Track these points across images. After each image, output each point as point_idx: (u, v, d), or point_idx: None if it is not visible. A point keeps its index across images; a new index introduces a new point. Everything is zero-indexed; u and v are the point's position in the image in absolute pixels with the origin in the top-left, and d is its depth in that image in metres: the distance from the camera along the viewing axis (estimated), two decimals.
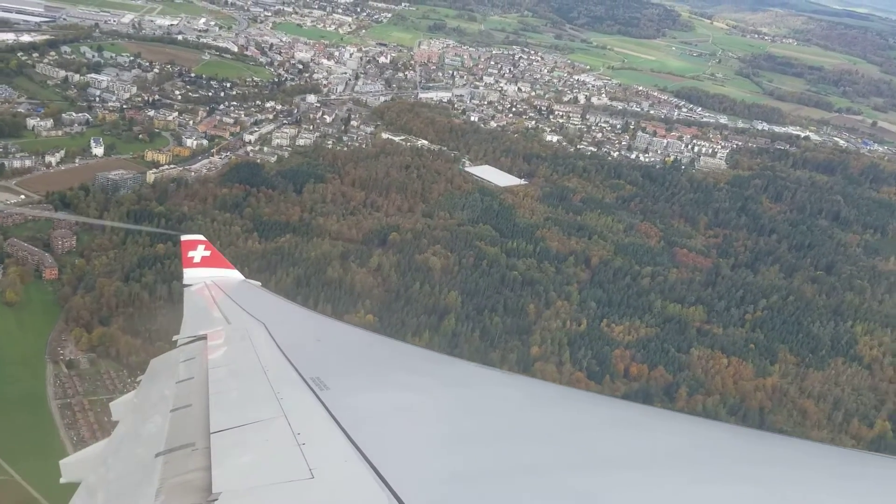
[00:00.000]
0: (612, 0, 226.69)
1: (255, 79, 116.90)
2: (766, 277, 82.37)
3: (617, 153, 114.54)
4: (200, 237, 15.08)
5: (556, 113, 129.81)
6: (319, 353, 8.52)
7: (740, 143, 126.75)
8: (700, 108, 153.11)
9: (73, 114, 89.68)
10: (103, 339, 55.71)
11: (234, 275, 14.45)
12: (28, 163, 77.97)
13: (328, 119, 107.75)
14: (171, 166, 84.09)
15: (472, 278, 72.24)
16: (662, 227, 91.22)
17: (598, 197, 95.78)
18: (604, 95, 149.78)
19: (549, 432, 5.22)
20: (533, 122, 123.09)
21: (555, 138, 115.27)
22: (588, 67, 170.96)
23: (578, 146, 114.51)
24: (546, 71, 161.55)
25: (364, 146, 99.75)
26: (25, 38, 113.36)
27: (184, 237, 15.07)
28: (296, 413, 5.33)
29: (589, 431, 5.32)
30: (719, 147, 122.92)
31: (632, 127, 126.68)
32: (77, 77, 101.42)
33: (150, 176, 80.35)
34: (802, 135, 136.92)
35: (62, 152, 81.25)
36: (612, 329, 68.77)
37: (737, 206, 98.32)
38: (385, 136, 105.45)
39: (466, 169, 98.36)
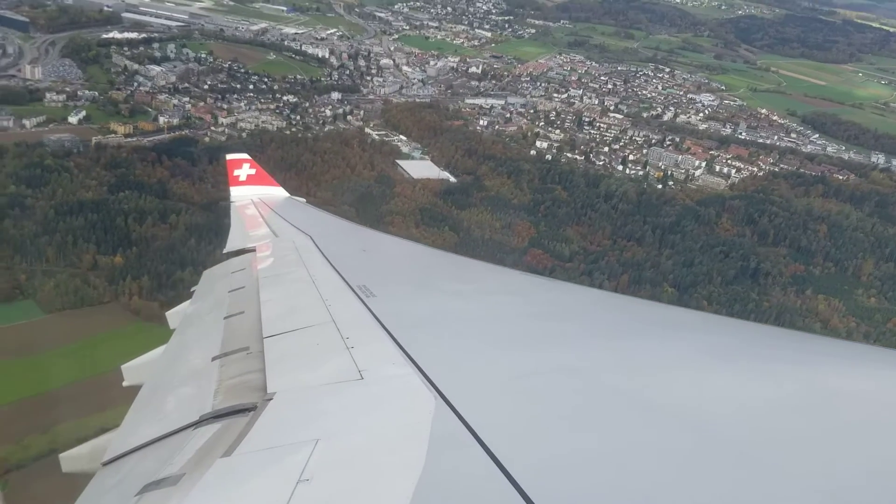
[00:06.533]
0: (819, 22, 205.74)
1: (298, 77, 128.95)
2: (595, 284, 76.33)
3: (602, 163, 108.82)
4: (245, 156, 16.00)
5: (597, 125, 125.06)
6: (365, 263, 8.83)
7: (791, 168, 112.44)
8: (817, 136, 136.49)
9: (86, 91, 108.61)
10: None
11: (279, 192, 15.41)
12: (6, 124, 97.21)
13: (328, 113, 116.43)
14: (121, 136, 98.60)
15: None
16: (545, 229, 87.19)
17: (508, 197, 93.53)
18: (700, 115, 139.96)
19: (593, 335, 5.41)
20: (544, 130, 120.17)
21: (545, 144, 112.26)
22: (723, 88, 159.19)
23: (566, 153, 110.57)
24: (660, 88, 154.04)
25: (322, 134, 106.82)
26: (143, 35, 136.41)
27: (229, 156, 16.04)
28: (344, 319, 5.59)
29: (633, 334, 5.46)
30: (755, 169, 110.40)
31: (666, 142, 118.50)
32: (136, 66, 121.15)
33: (93, 141, 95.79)
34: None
35: (42, 118, 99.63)
36: None
37: (668, 222, 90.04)
38: (367, 130, 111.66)
39: (399, 161, 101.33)
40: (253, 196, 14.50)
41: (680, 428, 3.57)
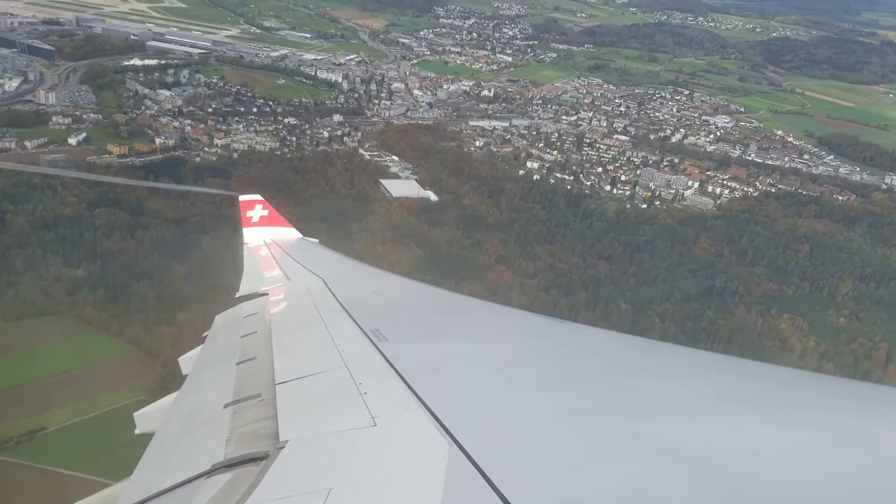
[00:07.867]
0: (855, 44, 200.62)
1: (304, 100, 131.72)
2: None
3: (590, 183, 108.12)
4: (258, 197, 15.98)
5: (598, 146, 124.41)
6: (377, 306, 8.93)
7: (789, 188, 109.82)
8: (832, 157, 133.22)
9: (92, 115, 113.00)
10: None
11: (292, 233, 15.64)
12: (8, 145, 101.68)
13: (325, 134, 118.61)
14: (115, 156, 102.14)
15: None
16: (515, 247, 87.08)
17: (482, 214, 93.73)
18: (710, 136, 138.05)
19: (607, 377, 5.40)
20: (541, 151, 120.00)
21: (536, 165, 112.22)
22: (741, 110, 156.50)
23: (556, 174, 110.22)
24: (675, 110, 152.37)
25: (309, 155, 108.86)
26: (162, 62, 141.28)
27: (242, 197, 16.00)
28: (356, 364, 5.64)
29: (648, 376, 5.47)
30: (751, 189, 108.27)
31: (664, 163, 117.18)
32: (146, 91, 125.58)
33: (87, 161, 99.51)
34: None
35: (43, 140, 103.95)
36: None
37: (641, 241, 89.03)
38: (361, 151, 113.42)
39: (382, 180, 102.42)
40: (266, 237, 14.76)
41: (697, 475, 3.49)
